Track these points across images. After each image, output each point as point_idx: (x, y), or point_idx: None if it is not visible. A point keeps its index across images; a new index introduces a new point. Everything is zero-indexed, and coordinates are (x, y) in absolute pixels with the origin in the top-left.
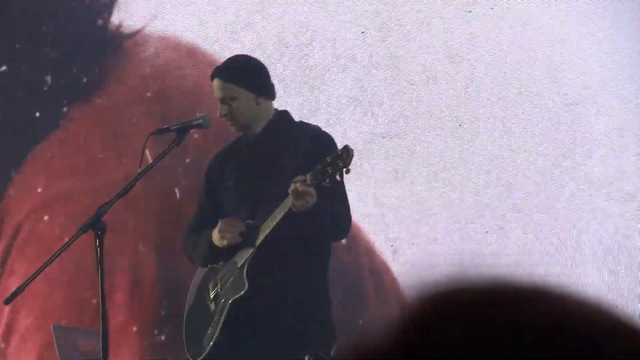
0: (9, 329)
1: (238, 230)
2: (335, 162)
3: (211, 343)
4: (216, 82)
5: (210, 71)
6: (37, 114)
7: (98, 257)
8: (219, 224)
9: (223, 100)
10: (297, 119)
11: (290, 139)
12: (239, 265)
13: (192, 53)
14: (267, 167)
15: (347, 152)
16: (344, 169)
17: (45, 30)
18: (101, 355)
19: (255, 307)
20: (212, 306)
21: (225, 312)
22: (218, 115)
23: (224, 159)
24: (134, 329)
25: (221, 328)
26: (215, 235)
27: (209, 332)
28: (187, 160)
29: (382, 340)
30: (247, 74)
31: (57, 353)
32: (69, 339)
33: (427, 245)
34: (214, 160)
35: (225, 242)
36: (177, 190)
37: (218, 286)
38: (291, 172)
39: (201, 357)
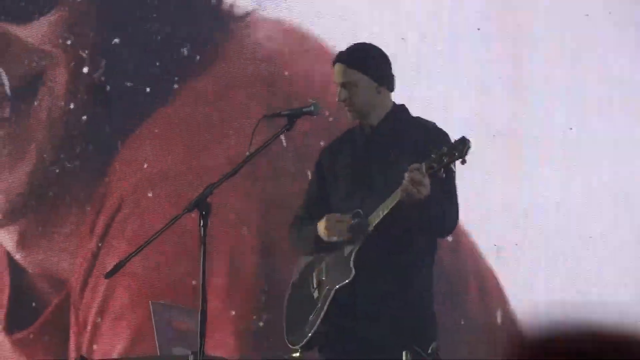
0: (105, 306)
1: (347, 226)
2: (452, 152)
3: (313, 330)
4: (338, 67)
5: (321, 58)
6: (148, 90)
7: (202, 238)
8: (326, 219)
9: (344, 85)
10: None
11: (406, 132)
12: (345, 254)
13: (302, 40)
14: (381, 158)
15: (464, 143)
16: (460, 160)
17: (157, 5)
18: (198, 336)
19: (359, 296)
20: (316, 293)
21: (329, 299)
22: (337, 99)
23: (337, 148)
24: (232, 313)
25: (324, 316)
26: (322, 229)
27: (310, 319)
28: (294, 146)
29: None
30: (370, 62)
31: (154, 329)
32: (167, 317)
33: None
34: (326, 150)
35: (334, 238)
36: (283, 178)
37: (323, 273)
38: (403, 165)
39: (301, 344)
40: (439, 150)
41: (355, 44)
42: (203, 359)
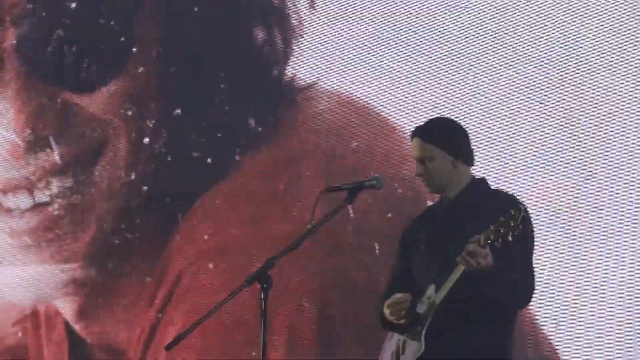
0: None
1: (403, 311)
2: (508, 222)
3: None
4: (415, 142)
5: (383, 131)
6: (209, 160)
7: (262, 310)
8: (386, 305)
9: (420, 160)
10: None
11: (484, 205)
12: (418, 329)
13: (363, 112)
14: (457, 231)
15: (519, 212)
16: (516, 230)
17: (221, 76)
18: None
19: None
20: None
21: None
22: (414, 174)
23: (419, 223)
24: None
25: None
26: (387, 314)
27: None
28: (355, 219)
29: None
30: (446, 136)
31: None
32: None
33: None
34: (409, 226)
35: (402, 322)
36: (343, 251)
37: (401, 350)
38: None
39: None
40: (497, 221)
41: (432, 119)
42: None
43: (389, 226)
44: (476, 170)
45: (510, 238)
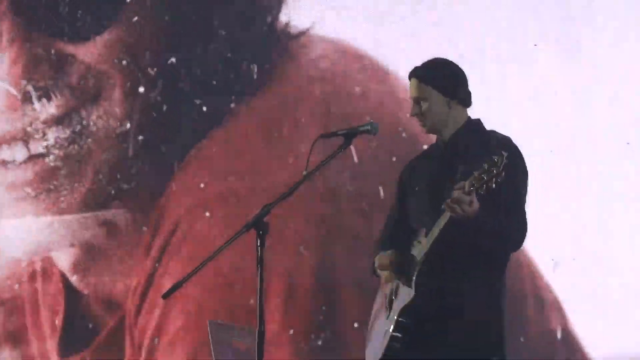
0: (161, 328)
1: (393, 267)
2: (491, 169)
3: (381, 352)
4: (412, 82)
5: (376, 77)
6: (204, 108)
7: (259, 257)
8: (378, 257)
9: (416, 100)
10: None
11: (478, 147)
12: (409, 274)
13: (358, 58)
14: (451, 174)
15: (502, 159)
16: (498, 177)
17: (216, 24)
18: (256, 356)
19: (423, 315)
20: (386, 315)
21: (393, 322)
22: (409, 115)
23: (415, 164)
24: (290, 332)
25: (390, 339)
26: (377, 265)
27: (384, 343)
28: (354, 163)
29: None
30: (442, 77)
31: (212, 349)
32: (224, 336)
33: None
34: (406, 167)
35: (382, 275)
36: (339, 195)
37: (394, 295)
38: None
39: None
40: (480, 168)
41: (430, 60)
42: None
43: (393, 170)
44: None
45: (493, 185)
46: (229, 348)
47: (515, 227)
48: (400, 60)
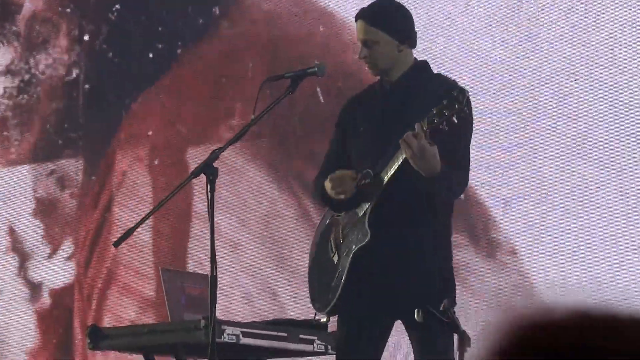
0: (111, 278)
1: (352, 183)
2: (452, 104)
3: (336, 297)
4: (359, 24)
5: (320, 18)
6: (151, 55)
7: (209, 202)
8: (329, 177)
9: (365, 43)
10: None
11: (425, 89)
12: (360, 215)
13: (302, 0)
14: (398, 115)
15: (463, 94)
16: (461, 112)
17: None
18: (209, 301)
19: (376, 258)
20: (335, 257)
21: (348, 264)
22: (357, 56)
23: (356, 104)
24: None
25: (345, 280)
26: (328, 188)
27: (333, 284)
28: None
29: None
30: (392, 19)
31: (165, 296)
32: (177, 283)
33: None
34: (346, 106)
35: (342, 197)
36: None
37: (340, 236)
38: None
39: (326, 310)
40: (440, 105)
41: (377, 1)
42: (214, 323)
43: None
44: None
45: (455, 120)
46: (182, 294)
47: (464, 178)
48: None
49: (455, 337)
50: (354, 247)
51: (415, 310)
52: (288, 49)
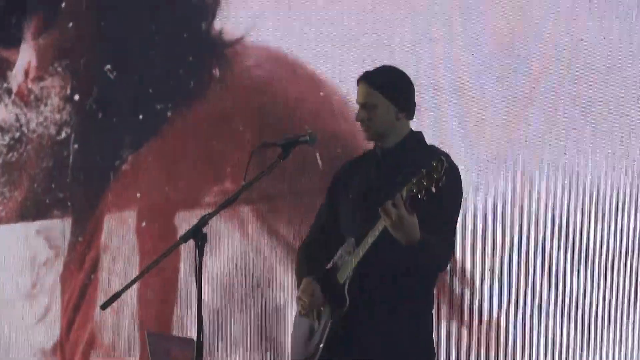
0: (93, 342)
1: (314, 302)
2: (430, 173)
3: None
4: (362, 86)
5: (309, 85)
6: (140, 117)
7: (197, 267)
8: (302, 290)
9: (364, 106)
10: None
11: (417, 160)
12: (340, 283)
13: (292, 66)
14: (388, 184)
15: (442, 163)
16: (439, 182)
17: (152, 29)
18: None
19: (354, 325)
20: (316, 325)
21: (326, 332)
22: (355, 119)
23: (350, 170)
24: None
25: (322, 347)
26: (300, 290)
27: (311, 350)
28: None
29: None
30: (394, 86)
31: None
32: (162, 346)
33: None
34: (340, 171)
35: (302, 312)
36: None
37: (321, 305)
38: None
39: None
40: (419, 174)
41: (382, 66)
42: None
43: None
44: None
45: (433, 189)
46: (167, 358)
47: (448, 250)
48: (336, 68)
49: None
50: (332, 315)
51: None
52: (277, 114)
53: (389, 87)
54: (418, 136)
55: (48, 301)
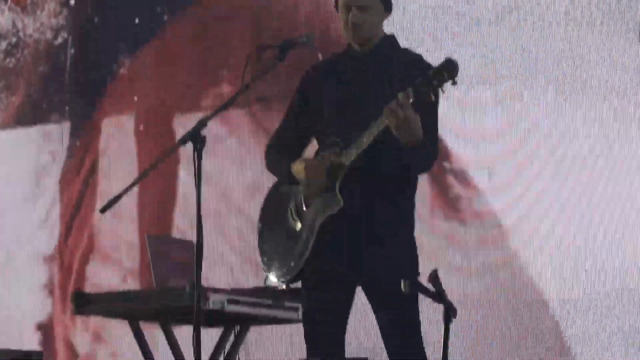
0: (90, 249)
1: (325, 168)
2: (441, 73)
3: (301, 263)
4: None
5: None
6: (137, 21)
7: (196, 170)
8: (304, 166)
9: (359, 7)
10: None
11: (396, 62)
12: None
13: None
14: (369, 88)
15: (452, 64)
16: (450, 82)
17: None
18: (194, 268)
19: (345, 224)
20: (298, 225)
21: (315, 229)
22: (348, 21)
23: (321, 74)
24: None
25: (312, 245)
26: (299, 171)
27: (296, 251)
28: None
29: None
30: None
31: (150, 263)
32: (162, 249)
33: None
34: (311, 73)
35: (315, 183)
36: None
37: (302, 205)
38: (389, 94)
39: (290, 277)
40: (426, 74)
41: None
42: (199, 290)
43: None
44: None
45: (442, 91)
46: (167, 260)
47: (435, 150)
48: None
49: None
50: (321, 217)
51: (402, 281)
52: (272, 20)
53: None
54: (393, 38)
55: (48, 207)
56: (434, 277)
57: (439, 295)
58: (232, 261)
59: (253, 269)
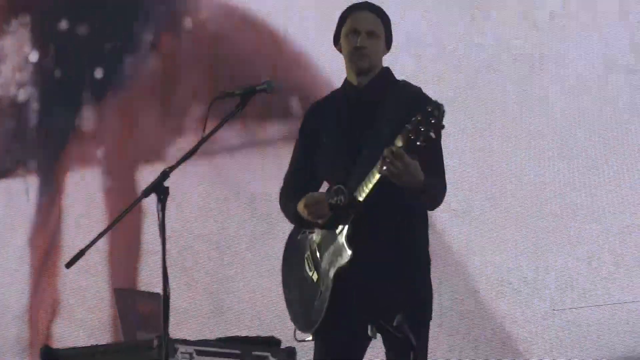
0: (57, 305)
1: (326, 206)
2: (427, 119)
3: (321, 318)
4: (367, 14)
5: (264, 37)
6: (99, 73)
7: (160, 222)
8: (304, 204)
9: (370, 34)
10: None
11: (393, 97)
12: (337, 232)
13: (246, 19)
14: (367, 123)
15: (438, 108)
16: (439, 128)
17: None
18: (162, 319)
19: (359, 274)
20: (315, 276)
21: (330, 285)
22: (356, 44)
23: (323, 109)
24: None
25: (329, 301)
26: (301, 209)
27: (316, 304)
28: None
29: None
30: (389, 21)
31: (119, 316)
32: (129, 302)
33: None
34: (311, 111)
35: (319, 222)
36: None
37: (317, 253)
38: (388, 133)
39: (311, 331)
40: (414, 120)
41: (372, 2)
42: (167, 342)
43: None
44: None
45: (433, 135)
46: (134, 313)
47: (443, 185)
48: (290, 21)
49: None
50: (334, 268)
51: (369, 326)
52: (232, 68)
53: (388, 21)
54: (389, 72)
55: (17, 265)
56: (399, 321)
57: (405, 340)
58: (199, 312)
59: (220, 320)
